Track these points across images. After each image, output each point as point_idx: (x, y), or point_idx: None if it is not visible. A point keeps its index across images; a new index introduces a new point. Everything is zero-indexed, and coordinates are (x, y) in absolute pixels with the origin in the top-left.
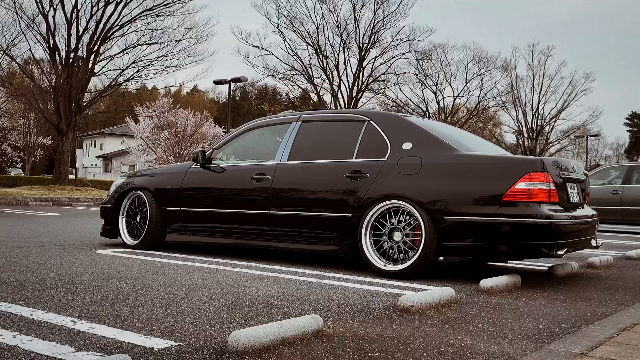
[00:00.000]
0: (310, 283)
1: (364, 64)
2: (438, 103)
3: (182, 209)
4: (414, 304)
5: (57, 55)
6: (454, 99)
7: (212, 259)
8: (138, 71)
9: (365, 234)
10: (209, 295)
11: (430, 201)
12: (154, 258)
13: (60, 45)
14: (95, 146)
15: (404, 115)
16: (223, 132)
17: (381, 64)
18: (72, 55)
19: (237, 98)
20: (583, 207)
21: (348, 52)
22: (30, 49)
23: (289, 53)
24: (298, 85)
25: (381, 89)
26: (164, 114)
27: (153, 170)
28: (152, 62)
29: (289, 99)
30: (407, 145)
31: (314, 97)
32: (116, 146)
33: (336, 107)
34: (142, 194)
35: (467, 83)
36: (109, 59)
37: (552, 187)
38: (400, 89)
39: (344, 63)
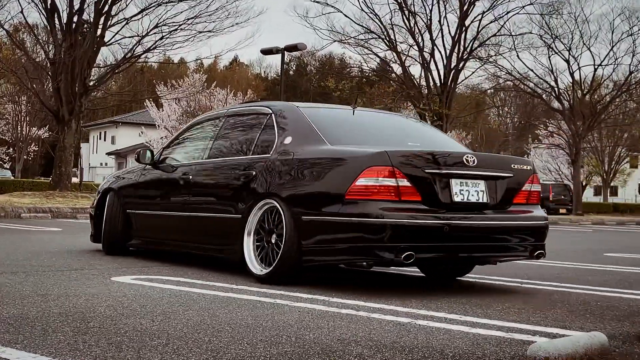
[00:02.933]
0: (400, 324)
1: (467, 22)
2: (572, 75)
3: (135, 211)
4: (549, 355)
5: (56, 19)
6: (595, 69)
7: (265, 290)
8: (162, 38)
9: (249, 236)
10: (264, 338)
11: (292, 199)
12: (187, 288)
13: (61, 6)
14: (105, 139)
15: (304, 105)
16: None
17: (491, 22)
18: (75, 18)
19: (291, 73)
20: (503, 209)
21: (445, 6)
22: (22, 11)
23: (362, 10)
24: (375, 54)
25: (491, 56)
26: (195, 95)
27: (124, 170)
28: (179, 25)
29: (362, 72)
30: (288, 140)
31: (397, 68)
32: (132, 139)
33: (427, 82)
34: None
35: (612, 47)
36: (124, 22)
37: (405, 184)
38: (518, 56)
39: (439, 22)
